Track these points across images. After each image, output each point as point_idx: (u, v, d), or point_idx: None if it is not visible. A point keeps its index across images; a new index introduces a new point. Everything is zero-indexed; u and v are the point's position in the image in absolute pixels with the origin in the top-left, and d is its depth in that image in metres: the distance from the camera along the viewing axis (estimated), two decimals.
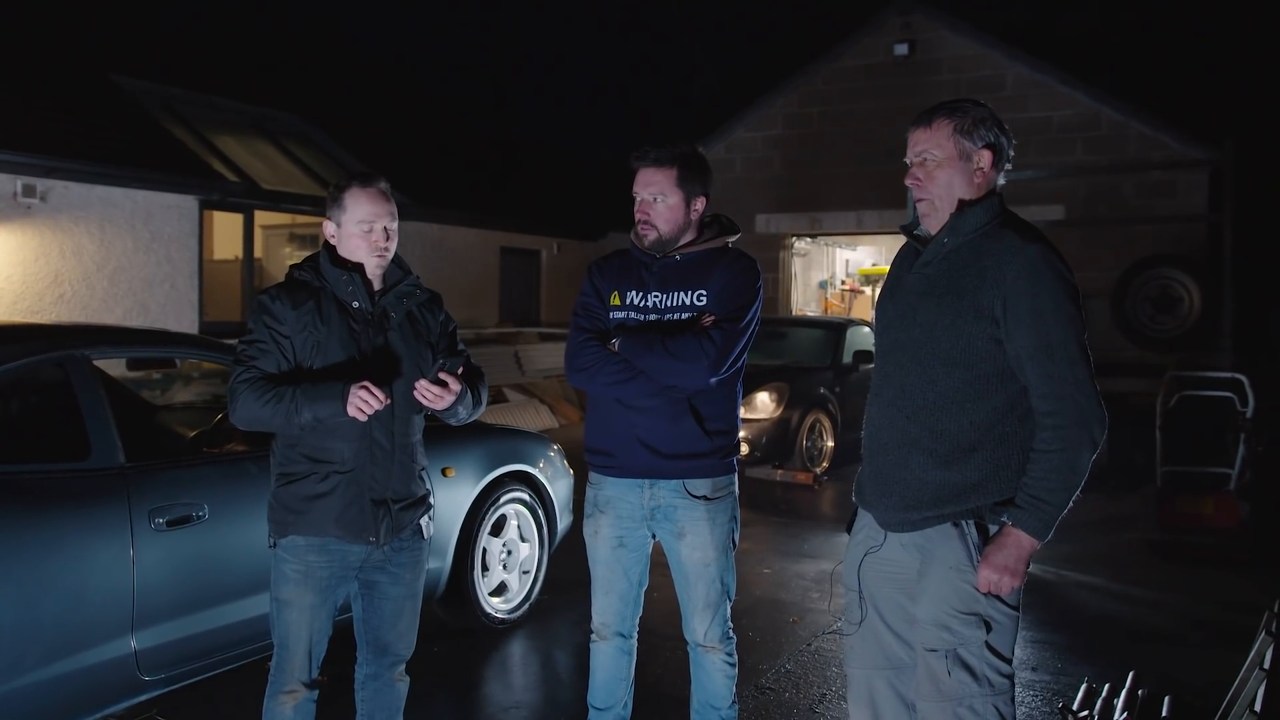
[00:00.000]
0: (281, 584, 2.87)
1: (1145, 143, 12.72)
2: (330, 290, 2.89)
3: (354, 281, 2.88)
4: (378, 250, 2.89)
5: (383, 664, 3.06)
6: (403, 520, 2.94)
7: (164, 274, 10.50)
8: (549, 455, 5.32)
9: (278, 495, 2.89)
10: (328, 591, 2.89)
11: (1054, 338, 2.33)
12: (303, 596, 2.85)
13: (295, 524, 2.84)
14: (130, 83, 11.76)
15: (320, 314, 2.85)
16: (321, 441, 2.82)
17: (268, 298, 2.88)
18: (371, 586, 2.98)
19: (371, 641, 3.04)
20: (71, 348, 3.53)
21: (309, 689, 2.91)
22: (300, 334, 2.83)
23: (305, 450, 2.85)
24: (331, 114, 14.56)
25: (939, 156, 2.47)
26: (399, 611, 3.02)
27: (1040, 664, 4.67)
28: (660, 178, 3.03)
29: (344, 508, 2.83)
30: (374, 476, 2.86)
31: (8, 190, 9.11)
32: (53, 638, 3.14)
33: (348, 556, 2.89)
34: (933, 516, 2.44)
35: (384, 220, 2.89)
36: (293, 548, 2.85)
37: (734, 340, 2.94)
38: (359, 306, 2.88)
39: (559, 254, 16.77)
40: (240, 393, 2.77)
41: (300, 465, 2.84)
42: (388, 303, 2.94)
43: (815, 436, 9.66)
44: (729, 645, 3.17)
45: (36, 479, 3.27)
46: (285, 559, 2.86)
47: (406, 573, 3.01)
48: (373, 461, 2.86)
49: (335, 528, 2.84)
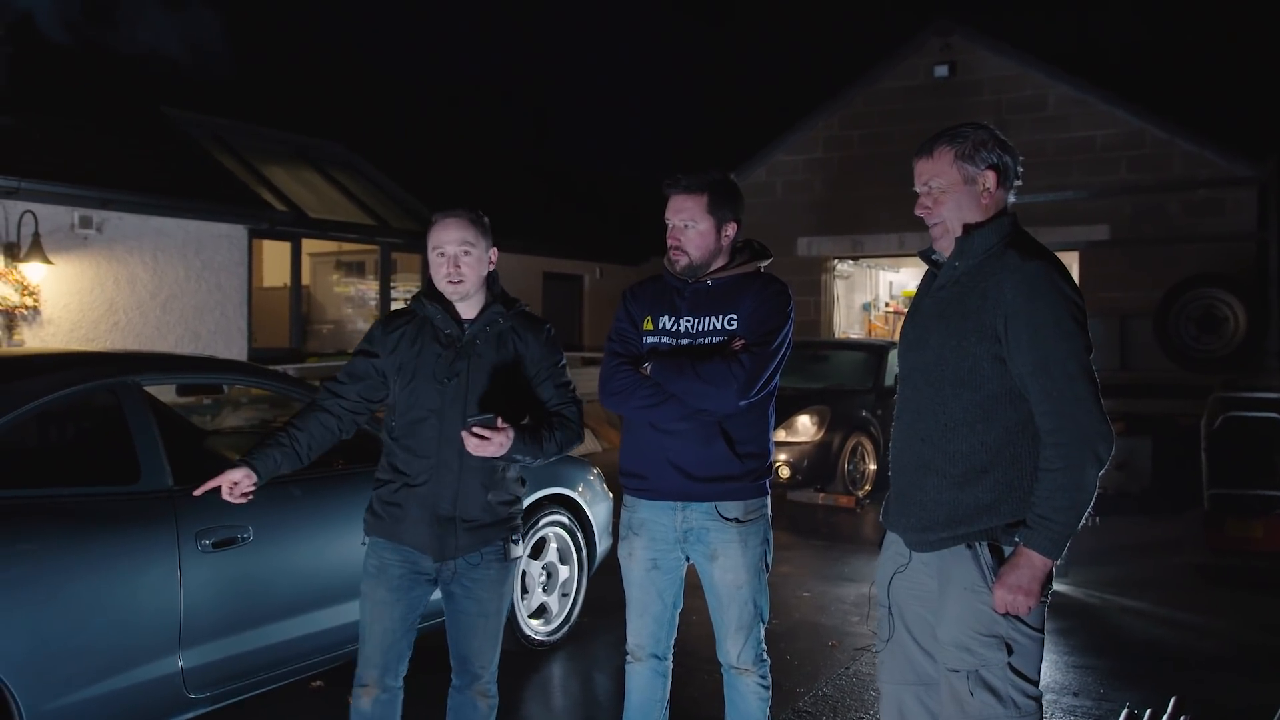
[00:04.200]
0: (364, 577, 3.06)
1: (1190, 161, 12.57)
2: (428, 318, 3.06)
3: (440, 311, 3.04)
4: (448, 276, 3.01)
5: (464, 678, 3.14)
6: (472, 541, 3.01)
7: (214, 301, 10.72)
8: (588, 479, 5.36)
9: (371, 497, 3.10)
10: (400, 591, 3.01)
11: (1053, 355, 2.35)
12: (375, 591, 3.02)
13: (375, 526, 3.06)
14: (180, 115, 12.05)
15: (413, 339, 3.04)
16: (403, 455, 3.01)
17: (375, 323, 3.17)
18: (450, 599, 3.09)
19: (454, 653, 3.14)
20: (122, 374, 3.64)
21: (384, 690, 3.01)
22: (389, 355, 3.05)
23: (392, 460, 3.04)
24: (375, 142, 14.79)
25: (943, 183, 2.52)
26: (472, 628, 3.08)
27: (1082, 689, 4.62)
28: (691, 204, 3.08)
29: (413, 521, 2.99)
30: (440, 494, 2.98)
31: (65, 222, 9.37)
32: (102, 655, 3.23)
33: (420, 563, 3.03)
34: (947, 538, 2.46)
35: (452, 246, 3.00)
36: (375, 546, 3.06)
37: (763, 364, 2.97)
38: (449, 334, 3.03)
39: (601, 279, 16.87)
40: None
41: (385, 473, 3.05)
42: (474, 329, 3.05)
43: (857, 459, 9.63)
44: (763, 668, 3.18)
45: (88, 501, 3.37)
46: (369, 554, 3.07)
47: (481, 590, 3.06)
48: (440, 480, 2.98)
49: (406, 536, 3.00)
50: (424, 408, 2.98)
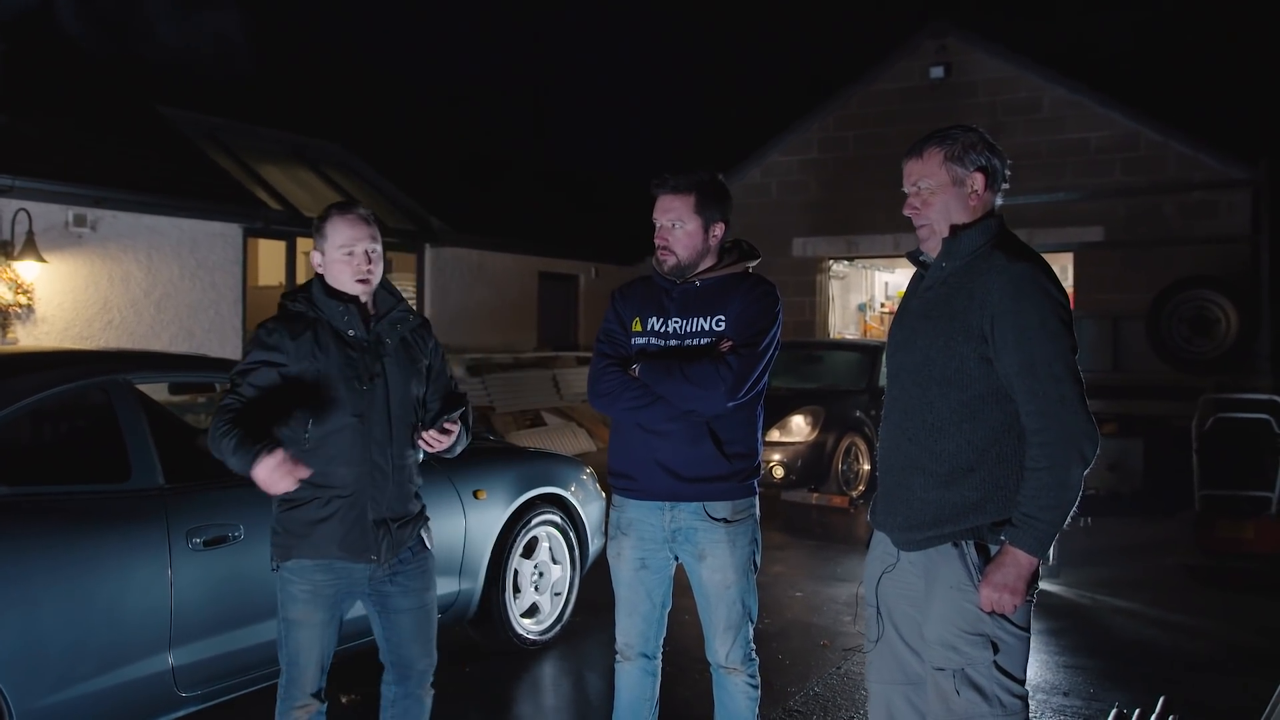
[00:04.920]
0: (290, 605, 2.93)
1: (1185, 163, 12.60)
2: (325, 320, 2.93)
3: (349, 311, 2.92)
4: (360, 274, 2.93)
5: (410, 684, 3.11)
6: (402, 537, 3.01)
7: (209, 300, 10.71)
8: (581, 478, 5.37)
9: (280, 520, 2.94)
10: (335, 608, 2.97)
11: (1039, 356, 2.37)
12: (313, 615, 2.92)
13: (299, 548, 2.91)
14: (175, 113, 12.04)
15: (318, 344, 2.89)
16: (323, 468, 2.86)
17: (264, 330, 2.92)
18: (384, 603, 3.03)
19: (395, 661, 3.10)
20: (114, 372, 3.65)
21: (320, 701, 2.98)
22: (299, 364, 2.87)
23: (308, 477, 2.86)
24: (371, 142, 14.79)
25: (932, 184, 2.55)
26: (414, 624, 3.06)
27: (1072, 689, 4.64)
28: (678, 204, 3.09)
29: (346, 531, 2.90)
30: (373, 499, 2.92)
31: (59, 220, 9.36)
32: (93, 653, 3.24)
33: (352, 573, 2.95)
34: (934, 536, 2.48)
35: (364, 243, 2.93)
36: (299, 569, 2.91)
37: (751, 365, 2.98)
38: (355, 335, 2.93)
39: (597, 278, 16.88)
40: (214, 421, 2.81)
41: (303, 491, 2.85)
42: (382, 329, 2.99)
43: (851, 459, 9.64)
44: (751, 667, 3.19)
45: (79, 499, 3.38)
46: (292, 580, 2.92)
47: (415, 582, 3.05)
48: (373, 484, 2.92)
49: (338, 550, 2.90)
50: (346, 413, 2.87)
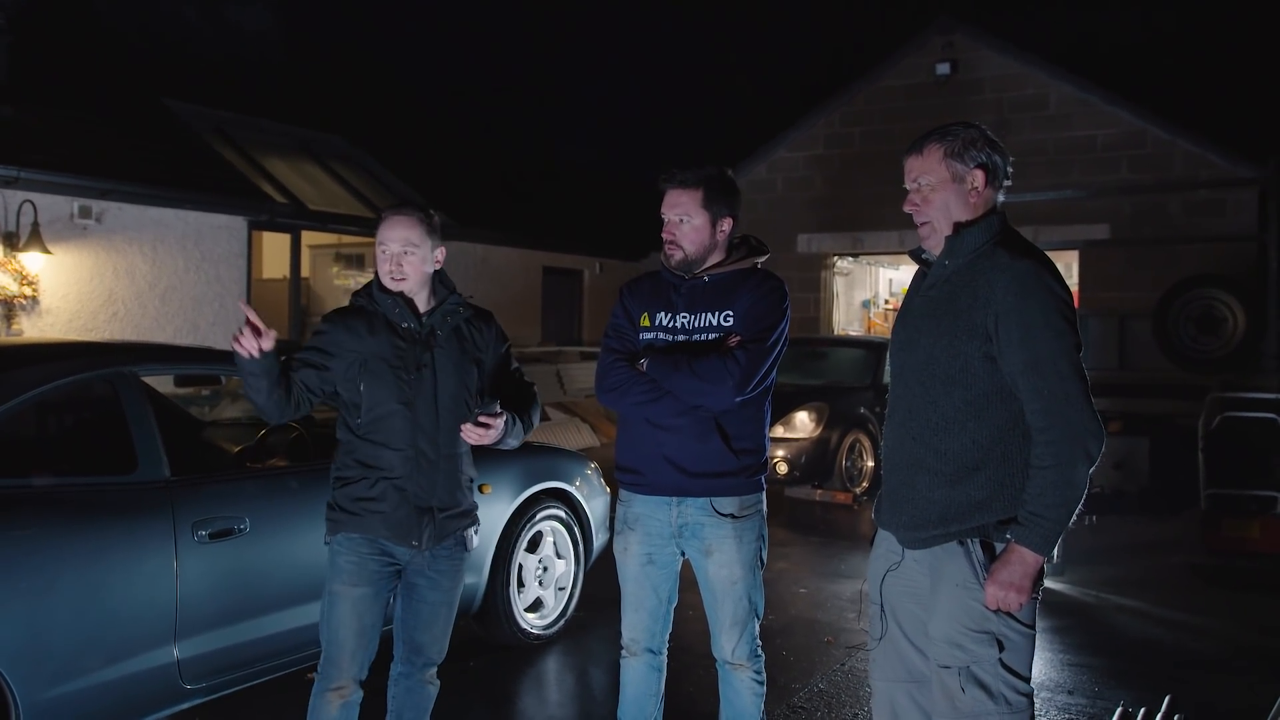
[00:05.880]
0: (336, 577, 3.02)
1: (1191, 161, 12.57)
2: (381, 312, 3.07)
3: (399, 304, 3.05)
4: (390, 273, 3.04)
5: (415, 665, 3.17)
6: (446, 528, 3.09)
7: (214, 293, 10.72)
8: (586, 473, 5.37)
9: (334, 497, 3.07)
10: (379, 584, 3.03)
11: (1043, 353, 2.36)
12: (354, 588, 3.00)
13: (348, 524, 3.02)
14: (182, 106, 12.04)
15: (371, 331, 3.03)
16: (372, 450, 3.01)
17: (324, 319, 3.11)
18: (411, 589, 3.11)
19: (407, 641, 3.16)
20: (120, 364, 3.64)
21: (359, 687, 3.03)
22: (351, 350, 3.01)
23: (358, 456, 3.03)
24: (377, 136, 14.79)
25: (933, 181, 2.53)
26: (434, 616, 3.14)
27: (1077, 687, 4.63)
28: (686, 199, 3.08)
29: (391, 512, 3.00)
30: (420, 485, 3.03)
31: (65, 212, 9.37)
32: (98, 645, 3.24)
33: (395, 555, 3.05)
34: (939, 535, 2.47)
35: (394, 244, 3.02)
36: (347, 542, 3.02)
37: (759, 361, 2.97)
38: (408, 326, 3.05)
39: (601, 274, 16.88)
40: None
41: (352, 470, 3.02)
42: (434, 321, 3.09)
43: (855, 456, 9.63)
44: (757, 663, 3.18)
45: (85, 491, 3.38)
46: (340, 552, 3.03)
47: (445, 579, 3.14)
48: (419, 471, 3.03)
49: (384, 529, 3.00)
50: (393, 401, 3.00)
